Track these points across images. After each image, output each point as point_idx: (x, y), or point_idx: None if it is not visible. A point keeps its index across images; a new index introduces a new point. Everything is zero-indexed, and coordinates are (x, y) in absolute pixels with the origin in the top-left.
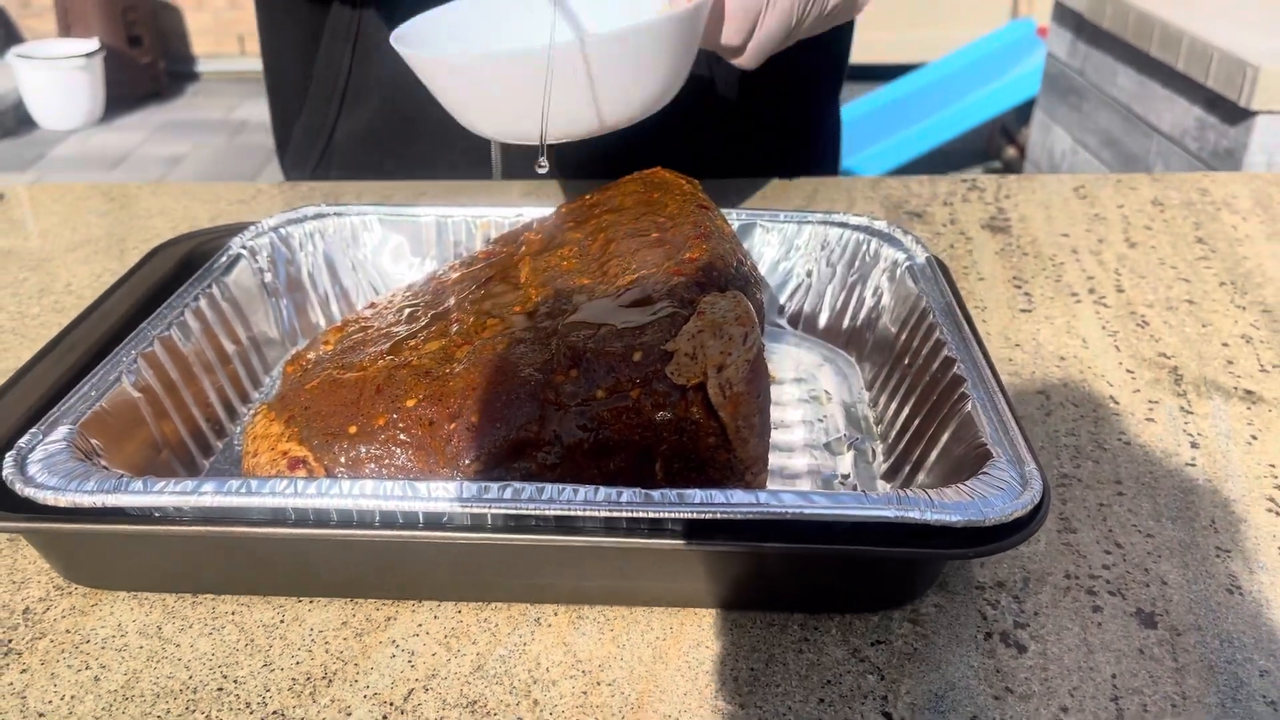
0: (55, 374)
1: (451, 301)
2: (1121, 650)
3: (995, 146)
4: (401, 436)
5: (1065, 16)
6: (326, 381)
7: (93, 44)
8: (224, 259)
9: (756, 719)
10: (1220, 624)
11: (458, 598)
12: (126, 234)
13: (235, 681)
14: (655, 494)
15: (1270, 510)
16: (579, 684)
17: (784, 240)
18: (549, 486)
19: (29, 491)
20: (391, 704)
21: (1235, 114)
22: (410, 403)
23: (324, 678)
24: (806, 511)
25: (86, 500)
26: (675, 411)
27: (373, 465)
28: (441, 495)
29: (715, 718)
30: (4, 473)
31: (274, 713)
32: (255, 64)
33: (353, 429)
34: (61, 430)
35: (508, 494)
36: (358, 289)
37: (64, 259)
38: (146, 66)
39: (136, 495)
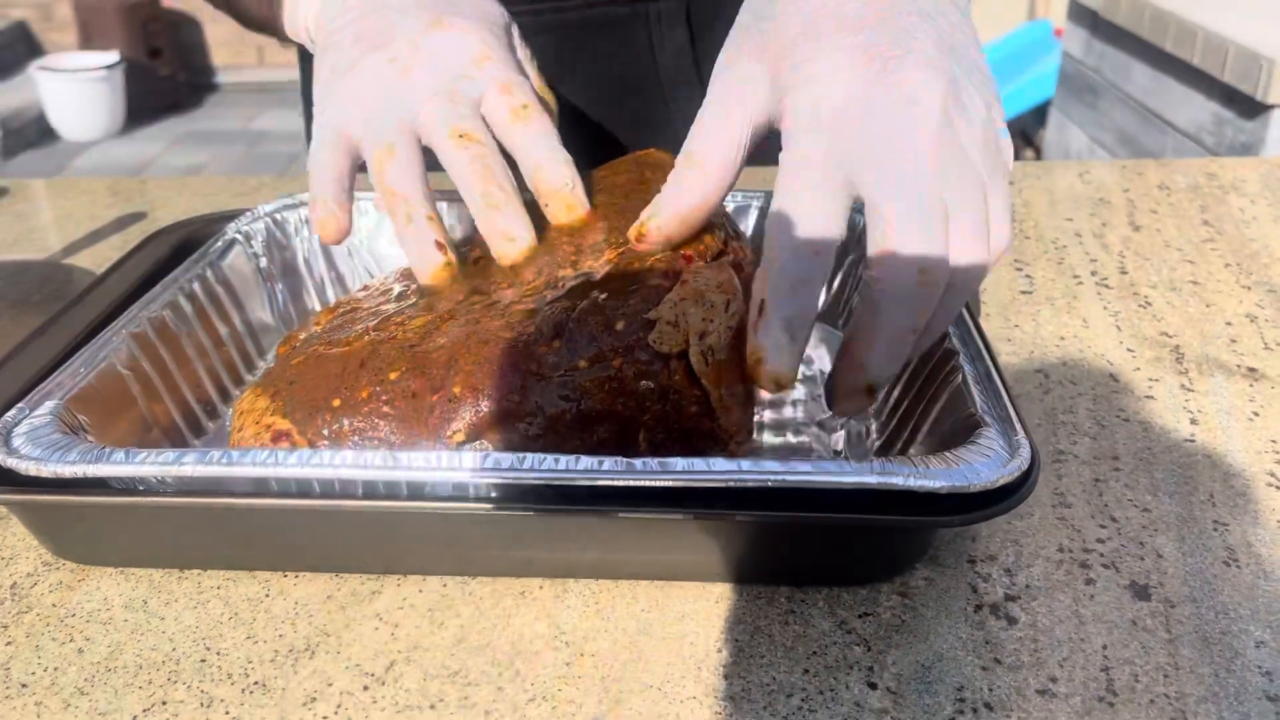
0: (47, 354)
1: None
2: (1113, 622)
3: (1015, 149)
4: (384, 409)
5: (1080, 14)
6: (312, 357)
7: (113, 56)
8: (219, 244)
9: (740, 689)
10: (1216, 596)
11: (442, 571)
12: (131, 224)
13: (218, 653)
14: (637, 462)
15: (1271, 485)
16: (562, 655)
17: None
18: (529, 456)
19: (11, 462)
20: (373, 675)
21: (1253, 108)
22: (393, 375)
23: (306, 650)
24: (788, 478)
25: (68, 470)
26: (658, 381)
27: (355, 438)
28: (420, 465)
29: (698, 688)
30: None
31: (255, 683)
32: (274, 75)
33: (336, 401)
34: (48, 405)
35: (488, 463)
36: (353, 274)
37: (70, 249)
38: (166, 78)
39: (118, 465)
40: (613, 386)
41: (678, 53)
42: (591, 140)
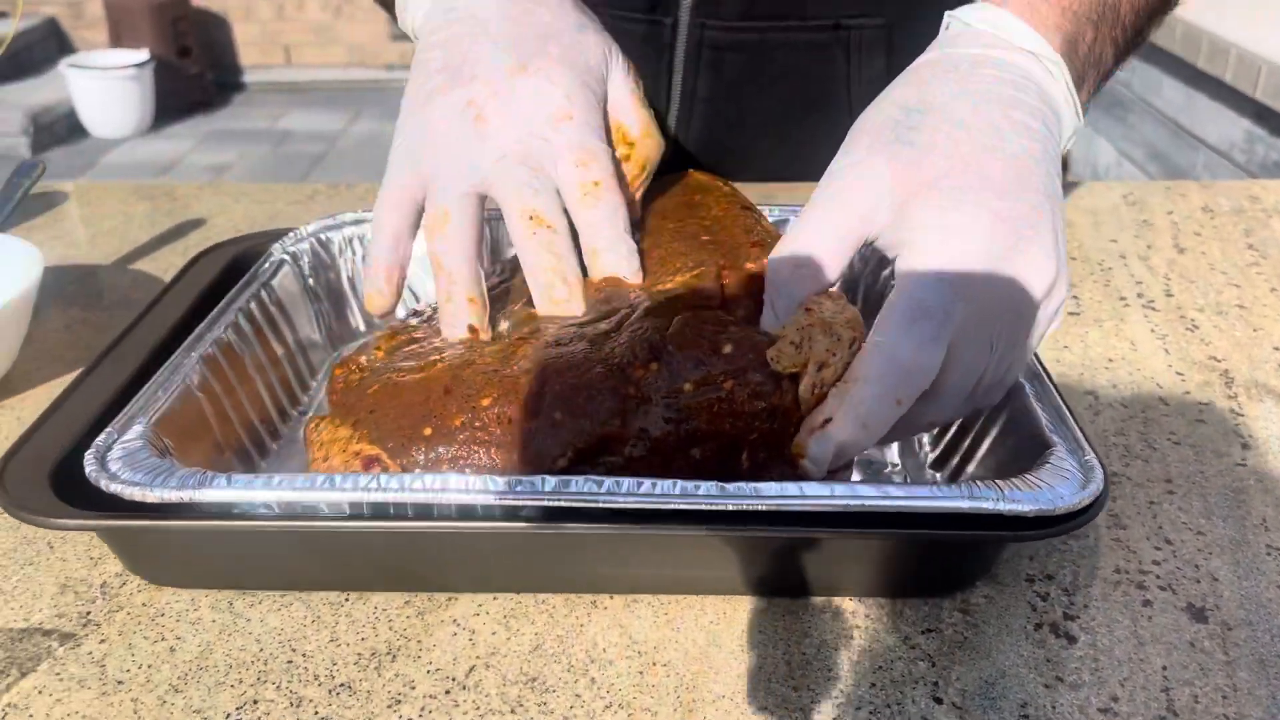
0: (116, 377)
1: (501, 305)
2: (1172, 643)
3: None
4: (480, 435)
5: None
6: (388, 385)
7: (143, 54)
8: (268, 264)
9: (809, 701)
10: (1272, 619)
11: (533, 589)
12: (189, 231)
13: (303, 655)
14: (730, 487)
15: None
16: (635, 664)
17: None
18: (627, 480)
19: (115, 488)
20: (454, 679)
21: None
22: (485, 402)
23: (388, 653)
24: (884, 503)
25: (174, 496)
26: (769, 401)
27: (451, 465)
28: (526, 489)
29: (769, 699)
30: (87, 470)
31: (341, 685)
32: (301, 75)
33: (427, 430)
34: (136, 429)
35: (588, 487)
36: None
37: (129, 257)
38: (195, 77)
39: (221, 490)
40: (721, 408)
41: (873, 79)
42: (768, 153)
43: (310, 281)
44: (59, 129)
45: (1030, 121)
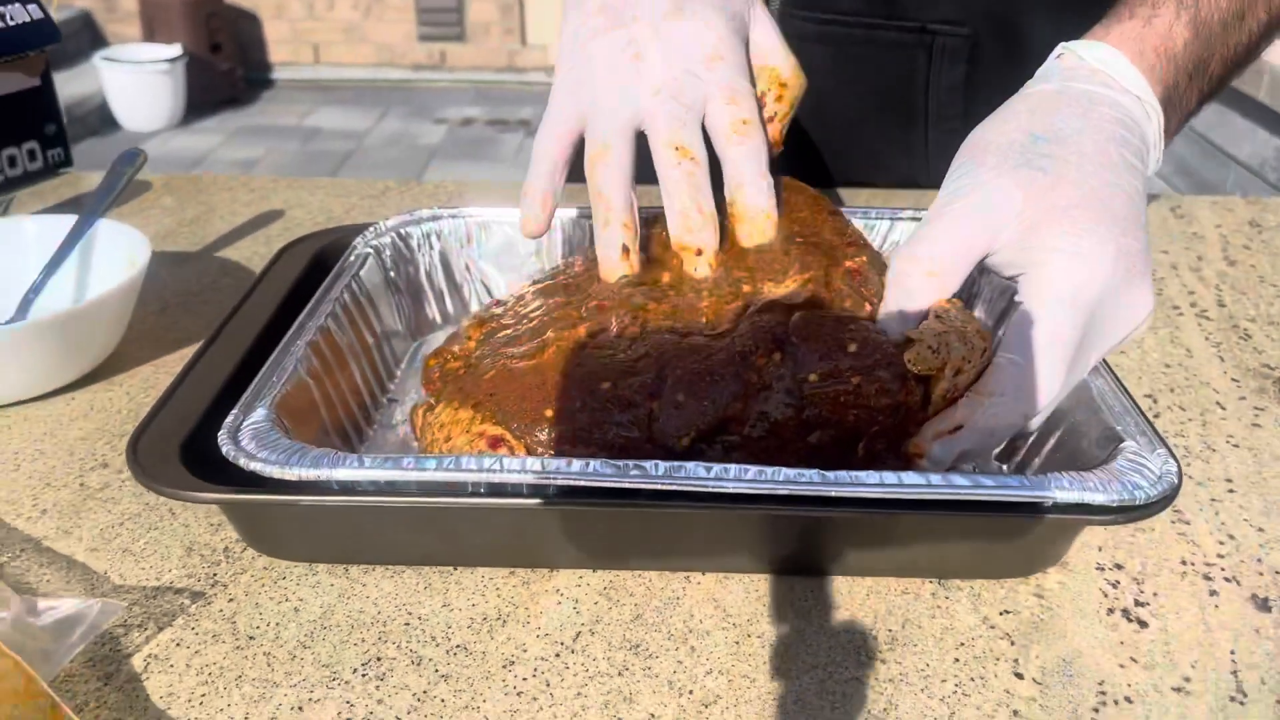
0: (226, 360)
1: (594, 302)
2: (1239, 630)
3: None
4: (600, 417)
5: None
6: (502, 371)
7: (176, 50)
8: (353, 257)
9: (897, 673)
10: None
11: (634, 566)
12: (269, 221)
13: (419, 619)
14: (831, 475)
15: None
16: (731, 635)
17: (877, 236)
18: (734, 467)
19: (254, 465)
20: (562, 643)
21: None
22: (604, 385)
23: (498, 619)
24: (977, 494)
25: (310, 474)
26: (896, 399)
27: (572, 444)
28: (639, 474)
29: (858, 670)
30: (224, 449)
31: (457, 646)
32: (329, 73)
33: (549, 412)
34: (260, 411)
35: (698, 473)
36: (470, 287)
37: (214, 246)
38: (226, 73)
39: (354, 470)
40: (847, 399)
41: (952, 87)
42: (842, 151)
43: (392, 274)
44: (91, 121)
45: (1135, 162)
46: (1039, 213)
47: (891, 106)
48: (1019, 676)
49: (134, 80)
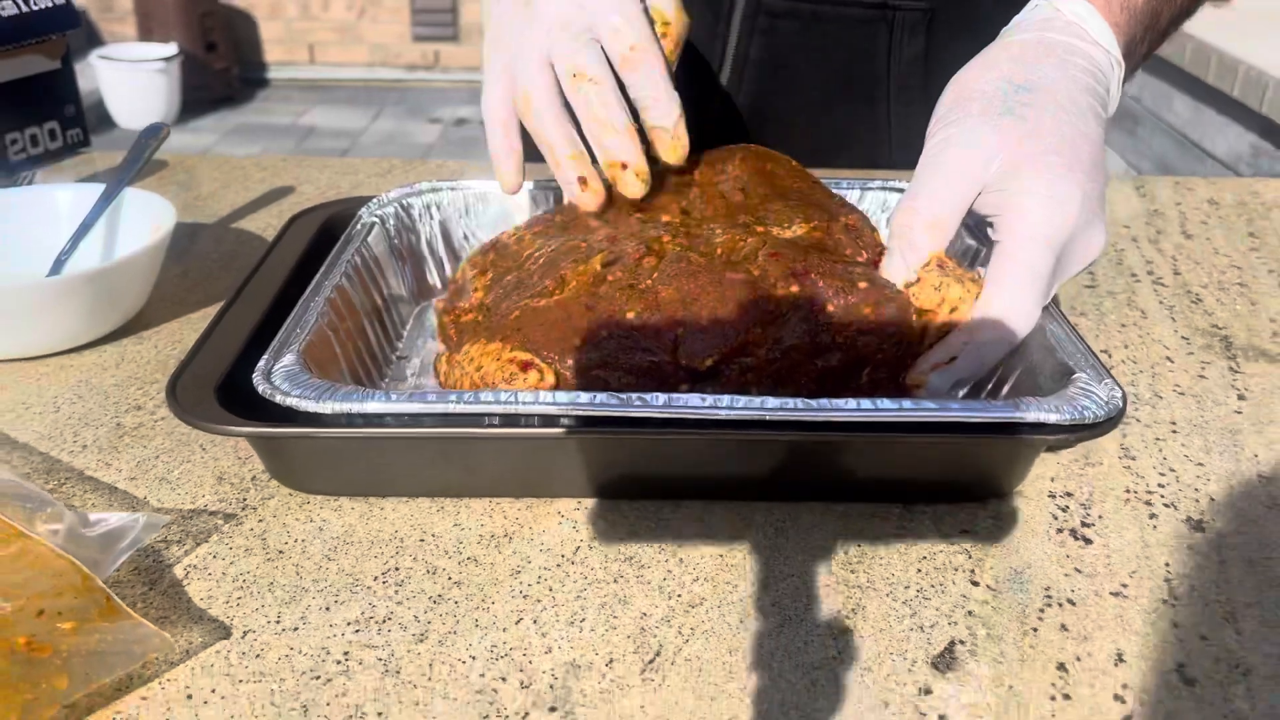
0: (249, 315)
1: (602, 234)
2: (1174, 547)
3: None
4: (627, 343)
5: None
6: (527, 310)
7: (171, 48)
8: (360, 226)
9: (865, 580)
10: (1260, 530)
11: (630, 496)
12: (280, 197)
13: (434, 536)
14: (814, 402)
15: None
16: (715, 549)
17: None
18: (727, 397)
19: (290, 401)
20: (563, 556)
21: None
22: (630, 314)
23: (505, 535)
24: (944, 415)
25: (342, 407)
26: (901, 330)
27: (599, 370)
28: (640, 404)
29: (830, 579)
30: (259, 387)
31: (469, 558)
32: (324, 72)
33: (577, 340)
34: (289, 356)
35: (694, 402)
36: (469, 255)
37: (230, 218)
38: (221, 71)
39: (382, 403)
40: (859, 326)
41: (912, 60)
42: (809, 123)
43: (395, 242)
44: (88, 118)
45: (1100, 110)
46: (1018, 158)
47: (856, 80)
48: (975, 584)
49: (129, 79)
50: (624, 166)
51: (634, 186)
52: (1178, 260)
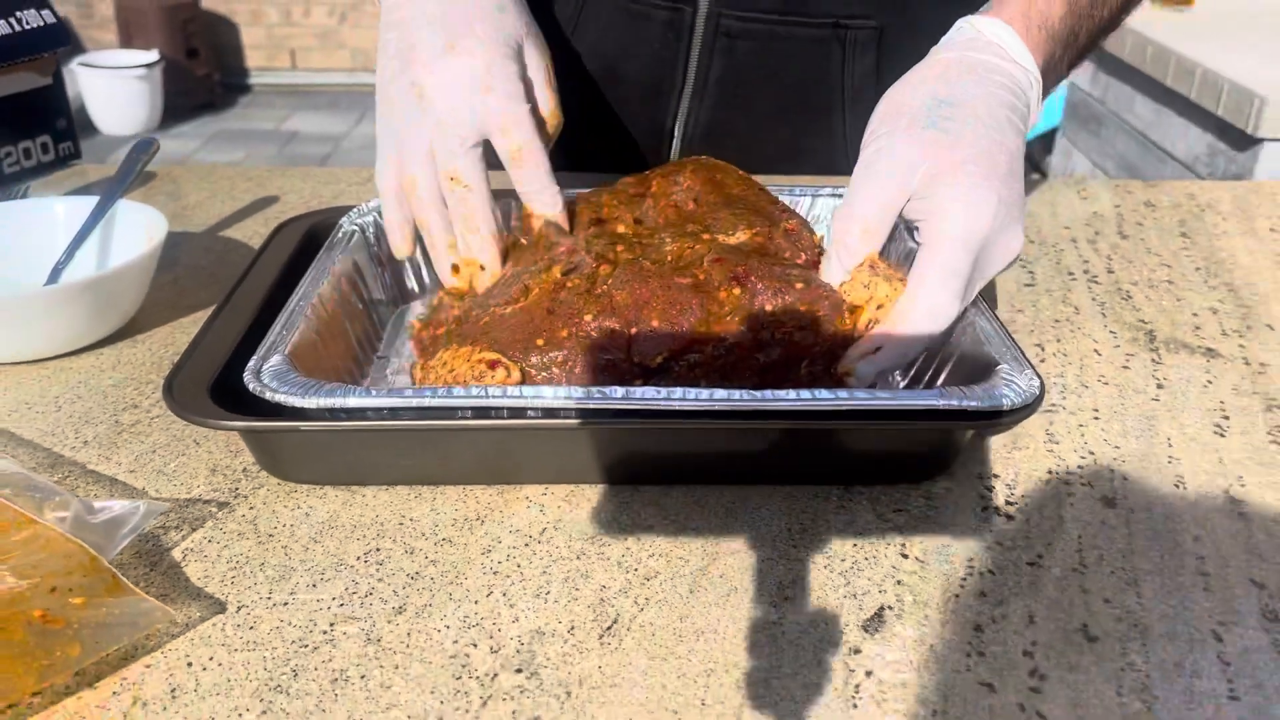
0: (238, 319)
1: (562, 247)
2: (1087, 522)
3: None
4: (585, 343)
5: None
6: (495, 317)
7: (152, 55)
8: (341, 234)
9: (805, 554)
10: (1166, 506)
11: (593, 480)
12: (265, 206)
13: (411, 520)
14: (758, 393)
15: (1215, 433)
16: (670, 528)
17: (800, 210)
18: (679, 390)
19: (278, 397)
20: (530, 536)
21: (1243, 141)
22: (587, 318)
23: (478, 519)
24: (875, 404)
25: (326, 402)
26: (834, 326)
27: (557, 369)
28: (600, 397)
29: (774, 552)
30: (249, 385)
31: (444, 539)
32: (306, 78)
33: (540, 341)
34: (277, 357)
35: (651, 394)
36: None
37: (218, 226)
38: (203, 78)
39: (363, 399)
40: (795, 323)
41: (864, 75)
42: (768, 138)
43: (375, 249)
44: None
45: (1019, 123)
46: (940, 167)
47: (812, 95)
48: (904, 556)
49: (111, 85)
50: (482, 267)
51: (485, 283)
52: (1112, 259)
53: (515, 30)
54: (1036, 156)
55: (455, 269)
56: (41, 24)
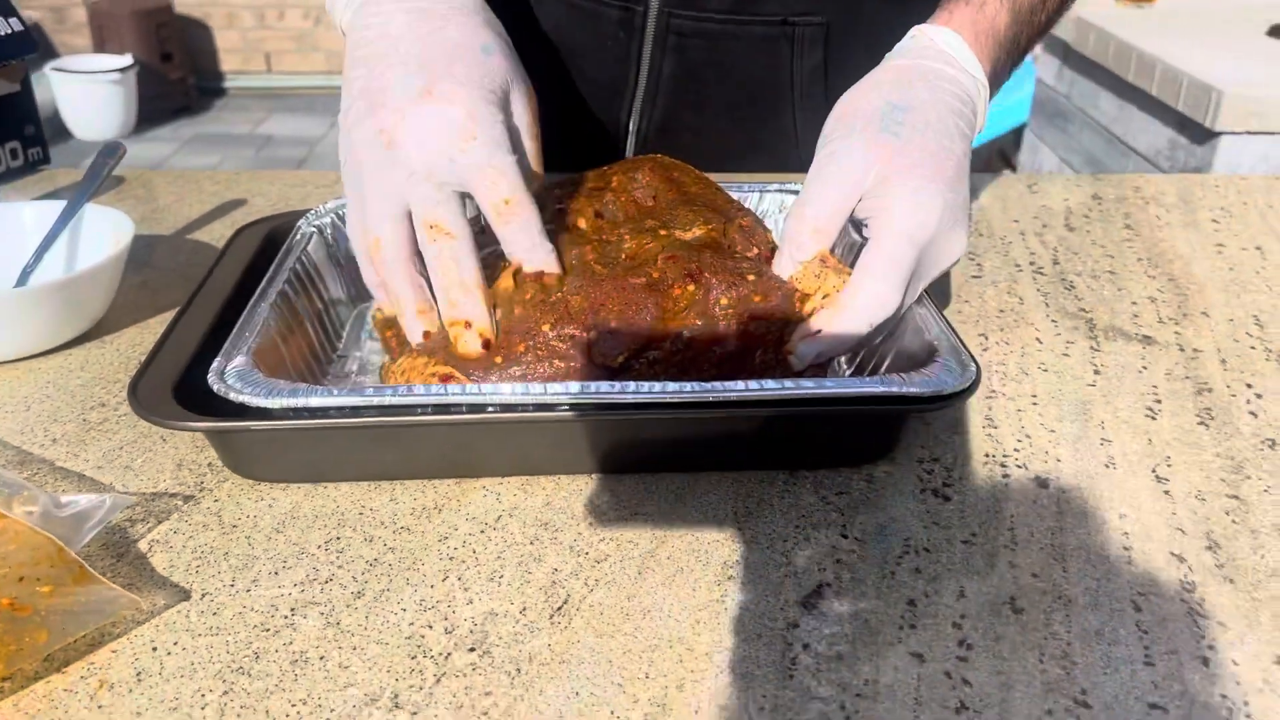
0: (201, 321)
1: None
2: (1020, 501)
3: (994, 167)
4: (543, 353)
5: (1053, 44)
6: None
7: (126, 59)
8: (299, 236)
9: (750, 535)
10: (1095, 486)
11: (546, 471)
12: (232, 209)
13: (371, 509)
14: (707, 385)
15: (1147, 415)
16: (621, 514)
17: (749, 206)
18: (633, 384)
19: (242, 398)
20: (486, 524)
21: (1202, 135)
22: (545, 327)
23: (435, 508)
24: (820, 391)
25: (289, 402)
26: (786, 315)
27: (519, 380)
28: (559, 391)
29: (721, 535)
30: (214, 386)
31: (402, 528)
32: (281, 81)
33: (498, 359)
34: (240, 358)
35: (605, 388)
36: None
37: (185, 230)
38: (177, 82)
39: (326, 398)
40: (750, 314)
41: (812, 71)
42: (721, 133)
43: (333, 249)
44: (44, 131)
45: (966, 130)
46: (890, 169)
47: (762, 91)
48: (844, 536)
49: (85, 90)
50: (467, 325)
51: (474, 346)
52: (1058, 251)
53: (501, 75)
54: (1008, 152)
55: (427, 335)
56: (9, 31)
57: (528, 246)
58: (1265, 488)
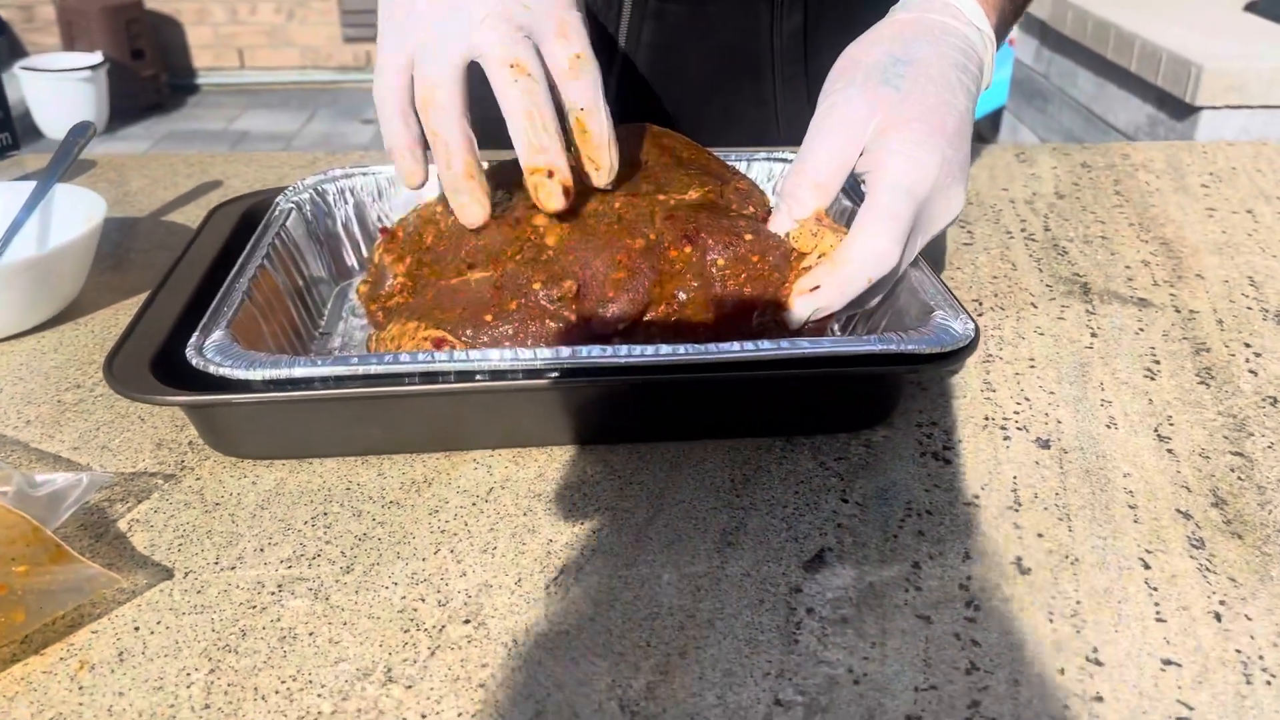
0: (177, 298)
1: (516, 204)
2: (1022, 463)
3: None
4: (534, 312)
5: (1031, 24)
6: (444, 290)
7: (96, 57)
8: (278, 212)
9: (749, 502)
10: (1098, 447)
11: (538, 443)
12: (208, 190)
13: (359, 485)
14: (698, 347)
15: (1146, 376)
16: (616, 483)
17: None
18: (624, 347)
19: (222, 371)
20: (478, 496)
21: (1182, 110)
22: (536, 286)
23: (425, 481)
24: (818, 351)
25: (270, 374)
26: (783, 274)
27: (510, 342)
28: (551, 357)
29: (718, 502)
30: (192, 360)
31: (391, 502)
32: (254, 77)
33: (488, 316)
34: (218, 333)
35: (596, 353)
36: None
37: (160, 211)
38: (149, 79)
39: (308, 368)
40: (747, 276)
41: (792, 35)
42: (701, 100)
43: (313, 226)
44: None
45: (970, 85)
46: (888, 122)
47: (742, 58)
48: (845, 501)
49: (55, 89)
50: (550, 174)
51: (556, 198)
52: (1049, 218)
53: None
54: (986, 133)
55: (471, 193)
56: None
57: (593, 103)
58: (1269, 444)
